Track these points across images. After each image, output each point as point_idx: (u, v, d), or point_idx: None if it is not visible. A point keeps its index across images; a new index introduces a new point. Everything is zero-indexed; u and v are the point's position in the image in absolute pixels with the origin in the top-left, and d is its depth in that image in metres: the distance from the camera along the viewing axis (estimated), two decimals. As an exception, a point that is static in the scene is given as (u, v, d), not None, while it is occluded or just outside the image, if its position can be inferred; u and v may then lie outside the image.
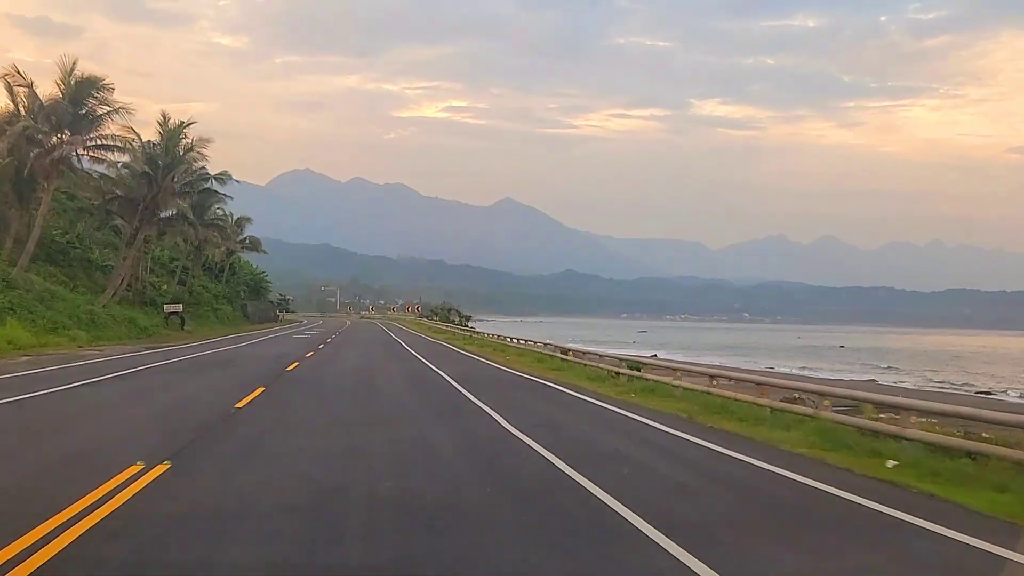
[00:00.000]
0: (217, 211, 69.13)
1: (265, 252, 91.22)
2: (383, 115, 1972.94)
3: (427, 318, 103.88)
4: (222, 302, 72.86)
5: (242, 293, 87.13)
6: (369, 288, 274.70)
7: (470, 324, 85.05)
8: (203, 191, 60.75)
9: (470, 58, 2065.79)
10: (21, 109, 38.82)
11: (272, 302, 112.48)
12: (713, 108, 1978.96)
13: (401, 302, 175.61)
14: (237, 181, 69.16)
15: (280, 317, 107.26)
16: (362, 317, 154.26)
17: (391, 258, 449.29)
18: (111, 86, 40.37)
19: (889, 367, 65.20)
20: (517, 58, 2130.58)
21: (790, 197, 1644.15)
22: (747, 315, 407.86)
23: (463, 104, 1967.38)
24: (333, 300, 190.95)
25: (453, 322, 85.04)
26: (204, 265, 75.89)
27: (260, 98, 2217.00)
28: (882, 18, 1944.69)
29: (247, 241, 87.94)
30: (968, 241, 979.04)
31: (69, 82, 39.47)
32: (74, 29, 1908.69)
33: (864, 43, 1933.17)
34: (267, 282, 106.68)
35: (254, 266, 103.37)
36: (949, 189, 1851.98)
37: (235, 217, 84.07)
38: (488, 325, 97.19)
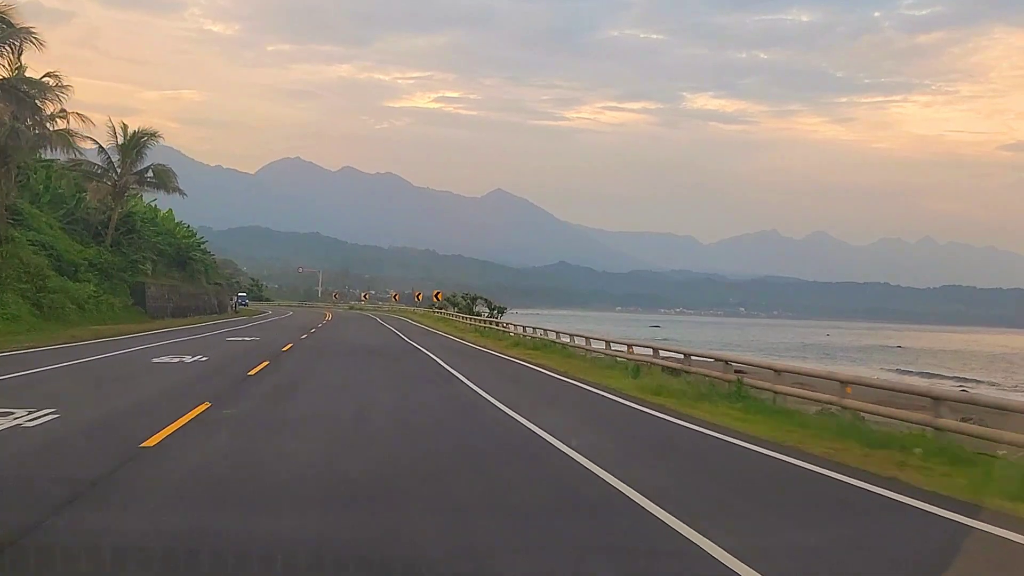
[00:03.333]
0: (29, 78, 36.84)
1: (181, 193, 55.85)
2: (375, 105, 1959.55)
3: (441, 310, 76.93)
4: (86, 276, 42.58)
5: (150, 267, 53.91)
6: (359, 278, 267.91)
7: (503, 319, 58.59)
8: None
9: (463, 48, 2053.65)
10: None
11: (220, 284, 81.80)
12: (705, 102, 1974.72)
13: (392, 291, 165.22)
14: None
15: (234, 307, 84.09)
16: (351, 308, 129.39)
17: (382, 248, 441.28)
18: None
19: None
20: (510, 49, 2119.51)
21: (782, 192, 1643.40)
22: (743, 309, 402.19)
23: (455, 95, 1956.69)
24: (320, 288, 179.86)
25: (480, 315, 62.05)
26: (70, 214, 48.15)
27: (251, 86, 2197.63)
28: (876, 14, 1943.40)
29: (149, 173, 53.12)
30: (959, 238, 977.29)
31: None
32: (65, 14, 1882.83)
33: (857, 38, 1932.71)
34: (203, 252, 74.03)
35: (186, 227, 70.61)
36: (940, 186, 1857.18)
37: (131, 130, 51.63)
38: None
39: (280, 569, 5.44)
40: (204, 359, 22.46)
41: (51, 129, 40.70)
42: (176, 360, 21.79)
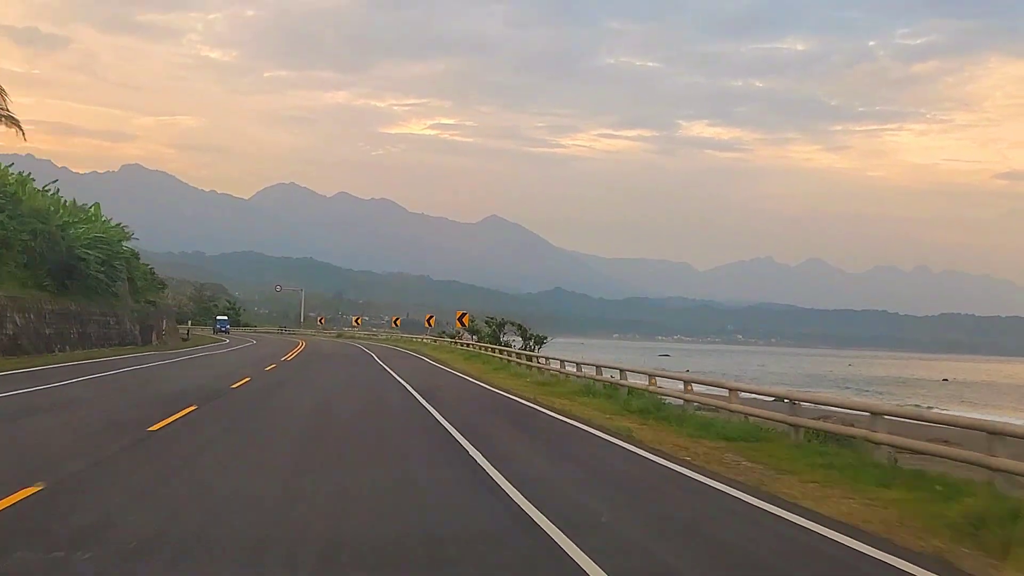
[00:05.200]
0: None
1: (15, 123, 37.41)
2: (370, 131, 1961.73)
3: (454, 339, 60.13)
4: None
5: (19, 269, 38.06)
6: (353, 303, 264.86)
7: (540, 352, 45.40)
8: None
9: (459, 76, 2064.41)
10: None
11: (154, 304, 62.52)
12: (701, 130, 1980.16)
13: (391, 315, 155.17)
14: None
15: (188, 333, 77.95)
16: (339, 336, 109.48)
17: (376, 273, 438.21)
18: None
19: None
20: (506, 76, 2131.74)
21: (776, 219, 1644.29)
22: (740, 337, 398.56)
23: (451, 121, 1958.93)
24: (314, 314, 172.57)
25: (510, 346, 47.11)
26: None
27: (247, 112, 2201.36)
28: (871, 43, 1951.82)
29: None
30: (954, 267, 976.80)
31: None
32: (62, 39, 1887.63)
33: (852, 67, 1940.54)
34: (113, 254, 47.70)
35: (102, 220, 49.58)
36: (935, 214, 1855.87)
37: None
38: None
39: None
40: None
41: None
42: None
